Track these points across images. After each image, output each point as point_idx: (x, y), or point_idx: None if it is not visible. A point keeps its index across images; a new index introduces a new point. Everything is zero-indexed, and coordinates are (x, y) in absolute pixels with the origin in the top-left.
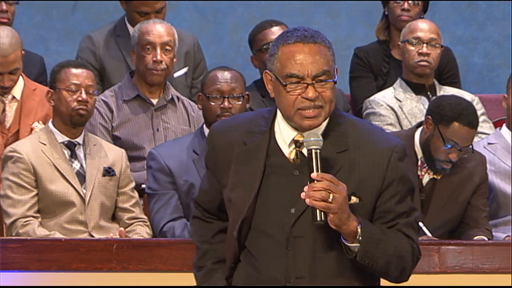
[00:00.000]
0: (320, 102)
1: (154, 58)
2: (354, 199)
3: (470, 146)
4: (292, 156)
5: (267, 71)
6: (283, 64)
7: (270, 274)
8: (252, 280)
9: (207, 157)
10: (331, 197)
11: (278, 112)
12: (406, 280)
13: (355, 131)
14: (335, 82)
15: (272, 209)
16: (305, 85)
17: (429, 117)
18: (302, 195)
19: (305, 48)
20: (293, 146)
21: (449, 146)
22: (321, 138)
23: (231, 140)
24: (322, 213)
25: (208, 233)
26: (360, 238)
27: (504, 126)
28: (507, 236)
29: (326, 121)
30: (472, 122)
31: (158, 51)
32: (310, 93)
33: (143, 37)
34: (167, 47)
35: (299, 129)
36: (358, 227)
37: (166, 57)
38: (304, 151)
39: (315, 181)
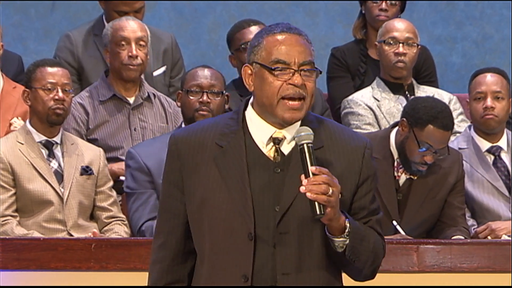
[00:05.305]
0: (304, 92)
1: (130, 54)
2: None
3: (446, 148)
4: (272, 154)
5: (247, 64)
6: (269, 52)
7: (256, 273)
8: (235, 279)
9: (169, 170)
10: (330, 190)
11: (249, 110)
12: (373, 278)
13: (326, 129)
14: (320, 72)
15: (256, 209)
16: (292, 71)
17: (404, 119)
18: (302, 189)
19: (292, 38)
20: (271, 143)
21: (424, 149)
22: (311, 131)
23: (200, 143)
24: (322, 206)
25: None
26: (349, 233)
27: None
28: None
29: None
30: (447, 125)
31: (133, 46)
32: (297, 79)
33: (116, 33)
34: (141, 42)
35: (280, 121)
36: (346, 222)
37: (141, 52)
38: (284, 148)
39: (312, 175)
